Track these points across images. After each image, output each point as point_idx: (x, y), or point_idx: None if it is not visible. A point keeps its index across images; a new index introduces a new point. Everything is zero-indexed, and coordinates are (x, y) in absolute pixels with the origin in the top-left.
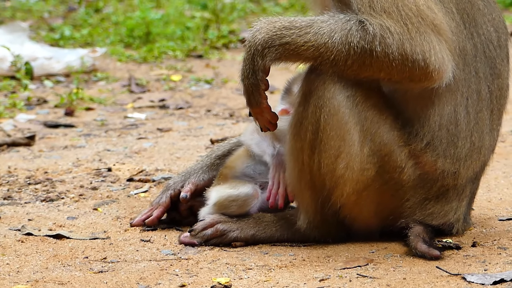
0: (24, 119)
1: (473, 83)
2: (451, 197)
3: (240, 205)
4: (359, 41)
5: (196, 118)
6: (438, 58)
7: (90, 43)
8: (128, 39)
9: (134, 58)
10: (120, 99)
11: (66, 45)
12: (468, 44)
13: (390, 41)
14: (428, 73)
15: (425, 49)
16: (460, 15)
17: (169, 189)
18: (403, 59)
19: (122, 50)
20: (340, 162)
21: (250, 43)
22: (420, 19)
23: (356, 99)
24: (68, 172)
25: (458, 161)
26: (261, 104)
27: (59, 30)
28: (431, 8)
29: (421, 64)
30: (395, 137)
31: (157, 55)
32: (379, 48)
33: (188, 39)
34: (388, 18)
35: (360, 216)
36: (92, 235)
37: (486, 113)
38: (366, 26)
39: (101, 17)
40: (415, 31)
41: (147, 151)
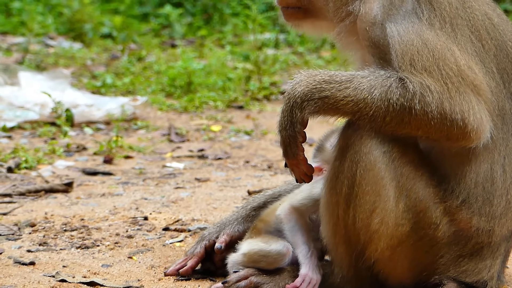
0: (63, 165)
1: (511, 142)
2: (485, 255)
3: (270, 262)
4: (399, 98)
5: (235, 169)
6: (476, 118)
7: (131, 91)
8: (170, 88)
9: (174, 108)
10: (159, 148)
11: (108, 92)
12: (507, 104)
13: (429, 99)
14: (466, 132)
15: (464, 109)
16: (500, 75)
17: (204, 239)
18: (442, 118)
19: (163, 99)
20: (375, 217)
21: (289, 95)
22: (461, 78)
23: (392, 155)
24: (105, 220)
25: (493, 219)
26: (298, 156)
27: (101, 78)
28: (472, 68)
29: (459, 123)
30: (430, 194)
31: (198, 105)
32: (418, 106)
33: (229, 90)
34: (428, 77)
35: (394, 272)
36: (126, 283)
37: None
38: (406, 84)
39: (143, 66)
40: (455, 90)
41: (184, 201)
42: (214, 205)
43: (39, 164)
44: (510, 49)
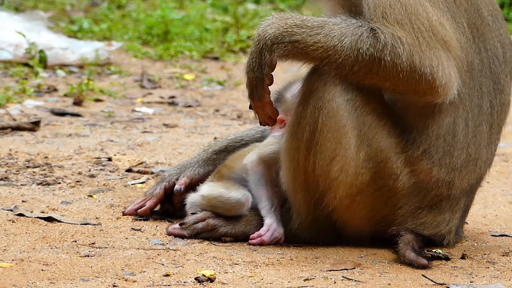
0: (32, 105)
1: (475, 98)
2: (444, 208)
3: (228, 209)
4: (369, 48)
5: (204, 117)
6: (445, 74)
7: (108, 37)
8: (146, 36)
9: (150, 55)
10: (130, 93)
11: (84, 37)
12: (476, 59)
13: (400, 51)
14: (434, 88)
15: (433, 64)
16: (470, 30)
17: (164, 181)
18: (411, 71)
19: (139, 46)
20: (335, 164)
21: (259, 37)
22: (432, 34)
23: (355, 103)
24: (68, 159)
25: (453, 170)
26: (264, 98)
27: (78, 23)
28: (443, 24)
29: (428, 78)
30: (392, 144)
31: (173, 54)
32: (389, 57)
33: (206, 40)
34: (400, 29)
35: (352, 221)
36: (84, 221)
37: (486, 127)
38: (377, 34)
39: (123, 14)
40: (426, 45)
41: (150, 145)
42: (180, 150)
43: (8, 103)
44: (480, 4)
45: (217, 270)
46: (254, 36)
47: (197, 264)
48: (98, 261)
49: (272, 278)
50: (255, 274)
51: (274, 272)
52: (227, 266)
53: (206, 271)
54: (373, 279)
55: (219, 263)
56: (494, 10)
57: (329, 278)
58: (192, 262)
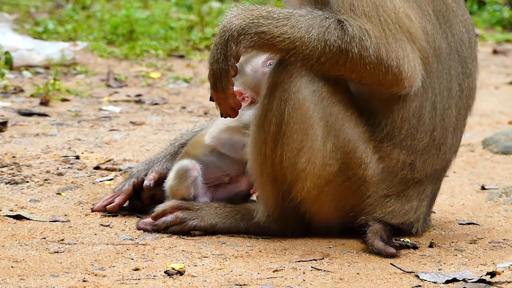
0: None
1: (445, 80)
2: (411, 196)
3: (181, 181)
4: (336, 40)
5: (171, 114)
6: (410, 66)
7: (73, 38)
8: (112, 36)
9: (115, 55)
10: (96, 92)
11: (49, 39)
12: (443, 43)
13: (367, 43)
14: (400, 80)
15: (399, 56)
16: (436, 16)
17: (132, 177)
18: (378, 63)
19: (104, 46)
20: (302, 156)
21: (225, 28)
22: (398, 26)
23: (321, 94)
24: (36, 158)
25: (413, 153)
26: (227, 89)
27: (43, 24)
28: (409, 15)
29: (394, 70)
30: (360, 134)
31: (139, 53)
32: (356, 49)
33: (171, 39)
34: (368, 22)
35: (320, 212)
36: (53, 218)
37: (454, 110)
38: (345, 26)
39: (87, 14)
40: (392, 37)
41: (118, 142)
42: (147, 147)
43: None
44: None
45: (187, 263)
46: (219, 27)
47: (166, 258)
48: (68, 257)
49: (242, 270)
50: (224, 266)
51: (243, 264)
52: (196, 259)
53: (176, 265)
54: (342, 268)
55: (188, 256)
56: None
57: (298, 269)
58: (162, 256)
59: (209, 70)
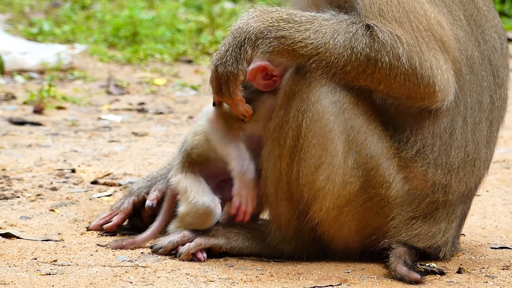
0: None
1: (476, 93)
2: (440, 217)
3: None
4: (364, 47)
5: (176, 124)
6: (444, 79)
7: (71, 40)
8: (113, 38)
9: (117, 59)
10: (95, 99)
11: (45, 41)
12: (476, 52)
13: (400, 52)
14: (432, 93)
15: (433, 66)
16: (467, 22)
17: (133, 194)
18: (410, 73)
19: (105, 49)
20: (321, 173)
21: (240, 29)
22: (430, 33)
23: (343, 105)
24: (28, 171)
25: (450, 172)
26: (236, 95)
27: (38, 25)
28: (441, 23)
29: (426, 81)
30: (383, 149)
31: (143, 57)
32: (387, 58)
33: (178, 42)
34: (399, 28)
35: (340, 234)
36: (45, 237)
37: (485, 124)
38: (374, 32)
39: (87, 15)
40: (425, 45)
41: (118, 155)
42: (150, 160)
43: None
44: None
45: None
46: (233, 27)
47: (168, 282)
48: (61, 280)
49: None
50: None
51: None
52: (201, 283)
53: None
54: None
55: (192, 280)
56: (487, 0)
57: None
58: (163, 280)
59: (212, 72)
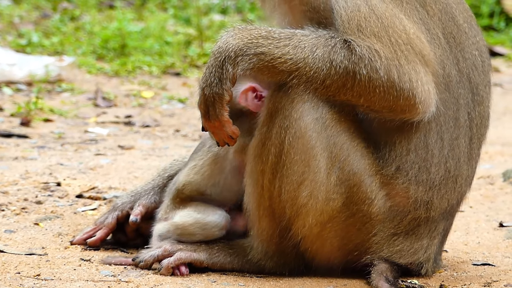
0: None
1: (451, 110)
2: (422, 234)
3: (207, 234)
4: (343, 60)
5: (163, 137)
6: (424, 90)
7: (59, 52)
8: (102, 50)
9: (105, 71)
10: (82, 112)
11: (34, 52)
12: (453, 70)
13: (378, 65)
14: (413, 104)
15: (412, 79)
16: (446, 40)
17: (117, 209)
18: (389, 86)
19: (93, 61)
20: (303, 189)
21: (220, 49)
22: (410, 47)
23: (325, 122)
24: (14, 184)
25: (431, 189)
26: (222, 116)
27: (27, 36)
28: (420, 38)
29: (406, 93)
30: (366, 166)
31: (131, 69)
32: (364, 71)
33: (167, 55)
34: (377, 42)
35: (322, 250)
36: (29, 251)
37: (464, 140)
38: (352, 46)
39: (76, 26)
40: (404, 58)
41: (103, 168)
42: (136, 173)
43: None
44: (455, 11)
45: None
46: (214, 48)
47: None
48: None
49: None
50: None
51: None
52: None
53: None
54: None
55: None
56: (469, 17)
57: None
58: None
59: (200, 96)
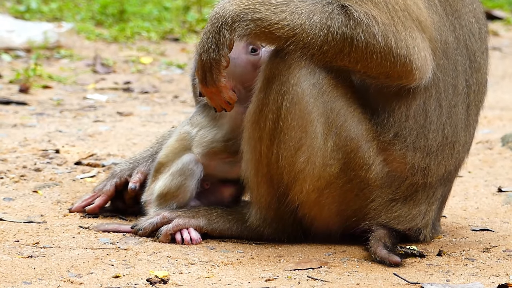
0: None
1: (450, 77)
2: (420, 199)
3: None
4: (340, 26)
5: (161, 103)
6: (421, 56)
7: (58, 18)
8: (100, 16)
9: (104, 37)
10: (81, 78)
11: (32, 18)
12: (450, 37)
13: (375, 30)
14: (409, 70)
15: (409, 45)
16: (443, 7)
17: (115, 176)
18: (386, 52)
19: (92, 27)
20: (300, 155)
21: (217, 15)
22: (407, 13)
23: (322, 87)
24: (12, 152)
25: (428, 155)
26: (219, 82)
27: (26, 2)
28: (417, 3)
29: (403, 59)
30: (363, 132)
31: (129, 35)
32: (362, 36)
33: (165, 20)
34: (374, 8)
35: (320, 216)
36: (28, 218)
37: (462, 107)
38: (350, 12)
39: None
40: (401, 24)
41: (102, 135)
42: (134, 140)
43: None
44: None
45: (171, 271)
46: (210, 14)
47: (149, 264)
48: (42, 262)
49: (231, 278)
50: (212, 274)
51: (233, 272)
52: (182, 266)
53: (159, 272)
54: (340, 278)
55: (173, 263)
56: None
57: (293, 278)
58: (144, 262)
59: (198, 62)
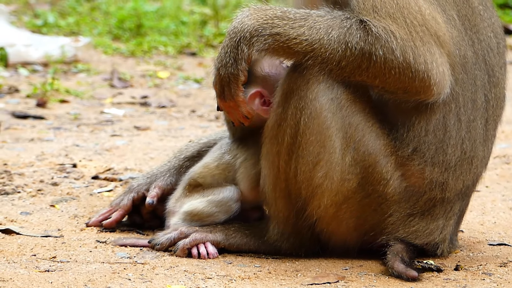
0: None
1: (469, 92)
2: (438, 214)
3: (225, 210)
4: (358, 41)
5: (179, 118)
6: (439, 72)
7: (75, 32)
8: (118, 30)
9: (121, 51)
10: (99, 93)
11: (50, 33)
12: (469, 52)
13: (393, 46)
14: (428, 86)
15: (427, 60)
16: (461, 22)
17: (133, 191)
18: (404, 67)
19: (109, 42)
20: (318, 170)
21: (236, 29)
22: (425, 28)
23: (340, 102)
24: (30, 166)
25: (447, 170)
26: (237, 97)
27: (43, 17)
28: (435, 18)
29: (421, 75)
30: (381, 146)
31: (147, 49)
32: (381, 51)
33: (183, 35)
34: (393, 23)
35: (338, 231)
36: (45, 233)
37: (480, 122)
38: (368, 27)
39: (92, 6)
40: (419, 40)
41: (119, 149)
42: (152, 154)
43: None
44: None
45: (188, 285)
46: (229, 28)
47: (166, 278)
48: (59, 277)
49: None
50: None
51: (250, 286)
52: (199, 280)
53: (176, 286)
54: None
55: (190, 277)
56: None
57: None
58: (162, 277)
59: (216, 76)
